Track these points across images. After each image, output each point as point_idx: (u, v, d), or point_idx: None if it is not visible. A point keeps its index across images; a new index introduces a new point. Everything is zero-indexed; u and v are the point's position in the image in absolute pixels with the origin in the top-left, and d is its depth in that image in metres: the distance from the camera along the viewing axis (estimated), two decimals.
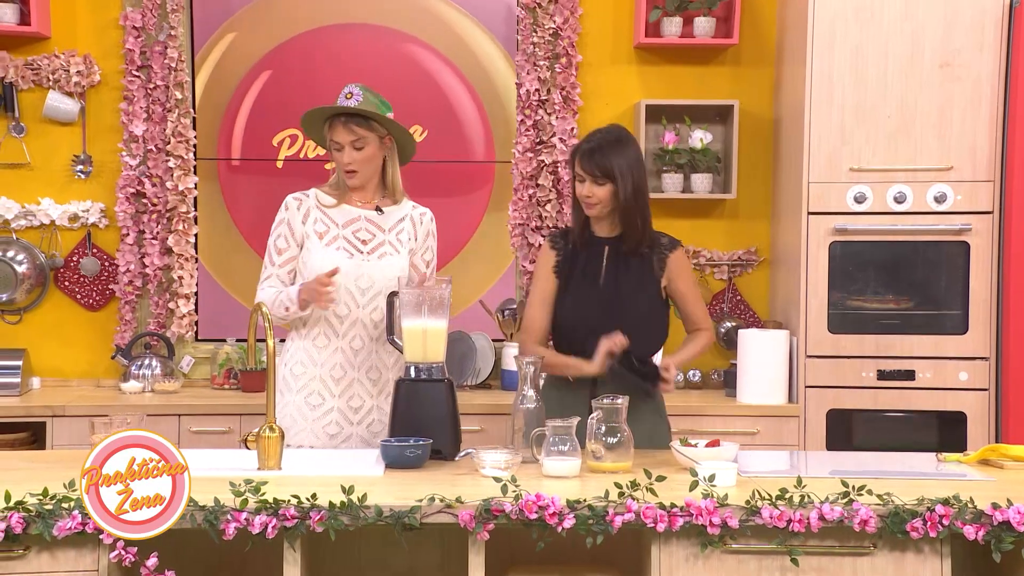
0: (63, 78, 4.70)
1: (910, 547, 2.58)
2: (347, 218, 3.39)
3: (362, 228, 3.40)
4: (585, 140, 3.36)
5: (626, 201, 3.28)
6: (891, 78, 4.30)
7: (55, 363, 4.78)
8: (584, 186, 3.30)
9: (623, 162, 3.27)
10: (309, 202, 3.40)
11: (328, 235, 3.36)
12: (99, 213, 4.77)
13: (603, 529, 2.52)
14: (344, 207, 3.41)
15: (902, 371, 4.34)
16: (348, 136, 3.31)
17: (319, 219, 3.38)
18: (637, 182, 3.29)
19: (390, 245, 3.40)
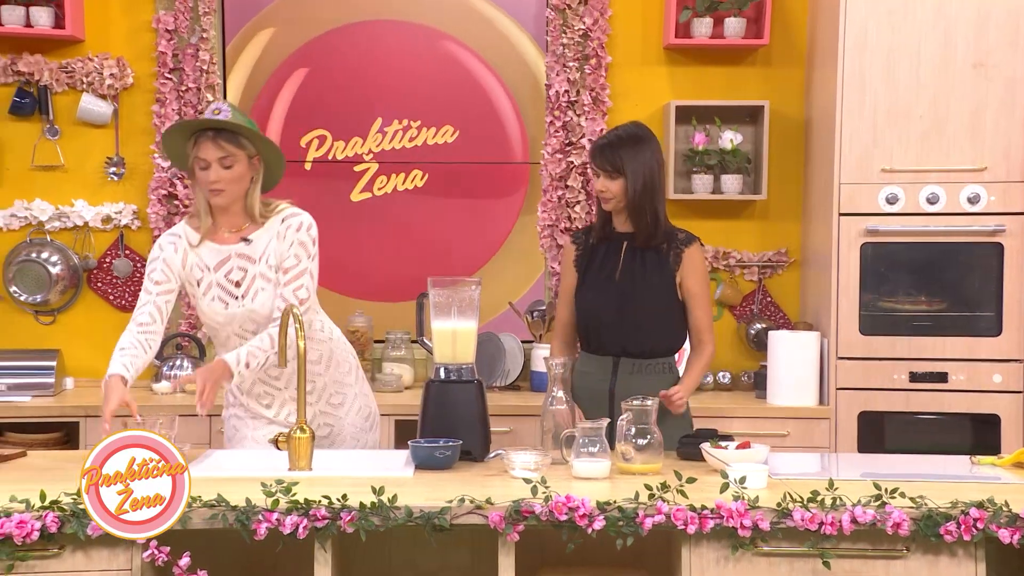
0: (96, 81, 4.74)
1: (944, 550, 2.56)
2: (217, 259, 3.23)
3: (233, 267, 3.23)
4: (602, 136, 3.48)
5: (634, 196, 3.35)
6: (923, 78, 4.27)
7: (88, 363, 4.82)
8: (599, 181, 3.40)
9: (634, 158, 3.34)
10: (183, 243, 3.24)
11: (203, 282, 3.24)
12: (131, 215, 4.80)
13: (633, 531, 2.51)
14: (211, 245, 3.23)
15: (935, 373, 4.30)
16: (216, 152, 3.11)
17: (194, 264, 3.23)
18: (648, 178, 3.35)
19: (261, 278, 3.22)
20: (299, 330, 2.98)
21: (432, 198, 4.90)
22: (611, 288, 3.40)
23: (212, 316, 3.27)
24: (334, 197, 4.94)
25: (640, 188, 3.35)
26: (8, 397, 4.42)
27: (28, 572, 2.49)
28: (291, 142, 4.93)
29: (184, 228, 3.28)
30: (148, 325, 3.22)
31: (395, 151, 4.94)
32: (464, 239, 4.91)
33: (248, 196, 3.22)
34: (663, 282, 3.40)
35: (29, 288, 4.72)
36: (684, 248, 3.40)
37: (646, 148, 3.39)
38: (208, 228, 3.25)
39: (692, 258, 3.41)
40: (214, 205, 3.21)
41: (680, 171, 4.78)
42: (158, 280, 3.23)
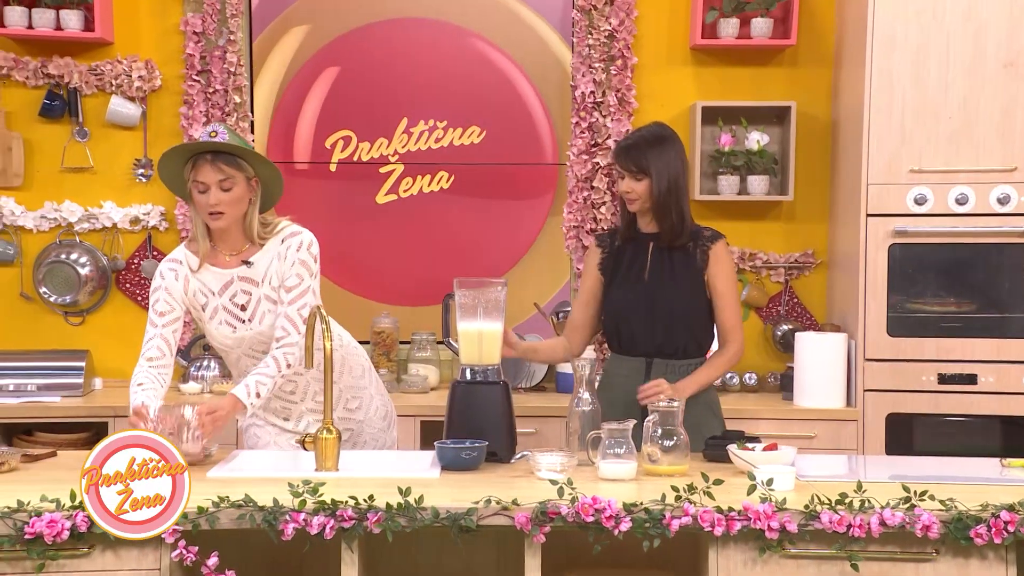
0: (125, 83, 4.78)
1: (974, 553, 2.54)
2: (220, 283, 3.20)
3: (237, 291, 3.20)
4: (626, 137, 3.48)
5: (659, 196, 3.35)
6: (953, 78, 4.24)
7: (117, 364, 4.85)
8: (624, 182, 3.40)
9: (659, 158, 3.35)
10: (183, 270, 3.21)
11: (209, 307, 3.22)
12: (159, 216, 4.84)
13: (660, 532, 2.51)
14: (212, 269, 3.20)
15: (964, 375, 4.27)
16: (216, 175, 3.07)
17: (198, 290, 3.21)
18: (673, 178, 3.35)
19: (266, 300, 3.20)
20: (325, 331, 2.99)
21: (458, 200, 4.89)
22: (640, 289, 3.40)
23: (221, 339, 3.27)
24: (359, 199, 4.95)
25: (665, 188, 3.35)
26: (38, 397, 4.46)
27: (58, 571, 2.51)
28: (317, 143, 4.95)
29: (184, 253, 3.24)
30: (158, 359, 3.22)
31: (421, 152, 4.94)
32: (491, 242, 4.91)
33: (247, 218, 3.19)
34: (692, 281, 3.39)
35: (59, 289, 4.76)
36: (711, 245, 3.39)
37: (670, 148, 3.39)
38: (207, 252, 3.21)
39: (719, 256, 3.39)
40: (214, 228, 3.17)
41: (706, 172, 4.77)
42: (162, 311, 3.20)
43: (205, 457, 3.06)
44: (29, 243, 4.83)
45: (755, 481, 2.63)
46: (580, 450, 3.05)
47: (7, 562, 2.49)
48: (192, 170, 3.10)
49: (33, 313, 4.84)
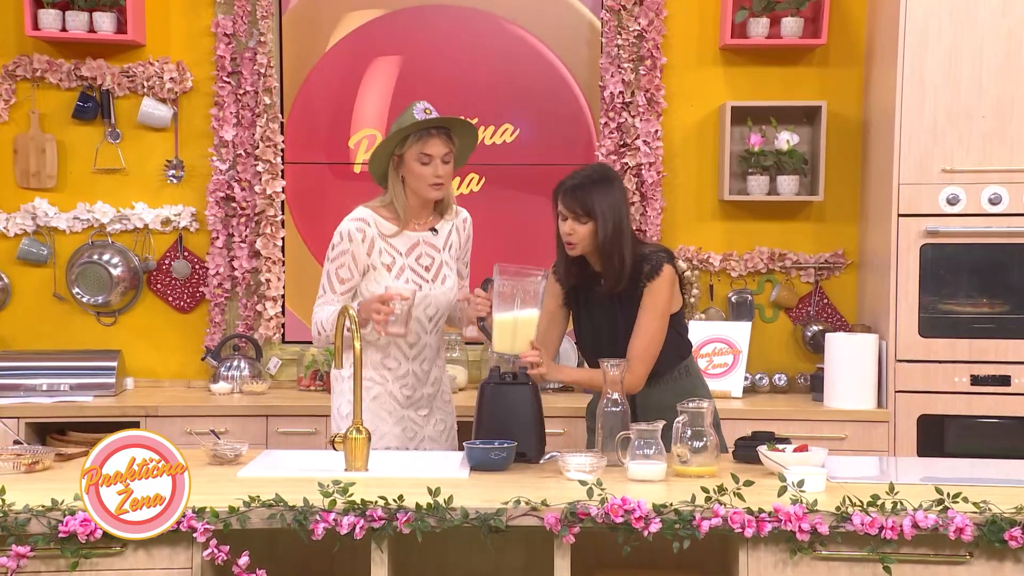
0: (157, 85, 4.81)
1: (1008, 556, 2.52)
2: (408, 244, 3.36)
3: (423, 253, 3.38)
4: (569, 177, 3.30)
5: (604, 240, 3.23)
6: (986, 77, 4.20)
7: (148, 364, 4.89)
8: (566, 224, 3.27)
9: (605, 201, 3.22)
10: (371, 231, 3.32)
11: (395, 266, 3.33)
12: (190, 217, 4.87)
13: (690, 534, 2.50)
14: (405, 232, 3.37)
15: (997, 376, 4.23)
16: (442, 149, 3.28)
17: (383, 249, 3.33)
18: (617, 221, 3.22)
19: (446, 266, 3.41)
20: (355, 331, 3.00)
21: (490, 204, 4.78)
22: (602, 332, 3.35)
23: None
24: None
25: (611, 232, 3.21)
26: (70, 397, 4.50)
27: (91, 570, 2.53)
28: (338, 143, 4.91)
29: (371, 215, 3.34)
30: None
31: None
32: (524, 247, 4.74)
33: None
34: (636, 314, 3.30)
35: (91, 289, 4.80)
36: (647, 283, 3.27)
37: (615, 191, 3.26)
38: (407, 219, 3.35)
39: (651, 291, 3.26)
40: (430, 198, 3.34)
41: (735, 172, 4.75)
42: (344, 279, 3.33)
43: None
44: (62, 244, 4.87)
45: (786, 482, 2.62)
46: (609, 451, 3.04)
47: (42, 560, 2.51)
48: (417, 142, 3.26)
49: (66, 313, 4.89)
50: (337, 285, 3.34)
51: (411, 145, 3.28)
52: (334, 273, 3.34)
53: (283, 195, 4.84)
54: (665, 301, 3.28)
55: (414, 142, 3.27)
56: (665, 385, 3.35)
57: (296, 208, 4.91)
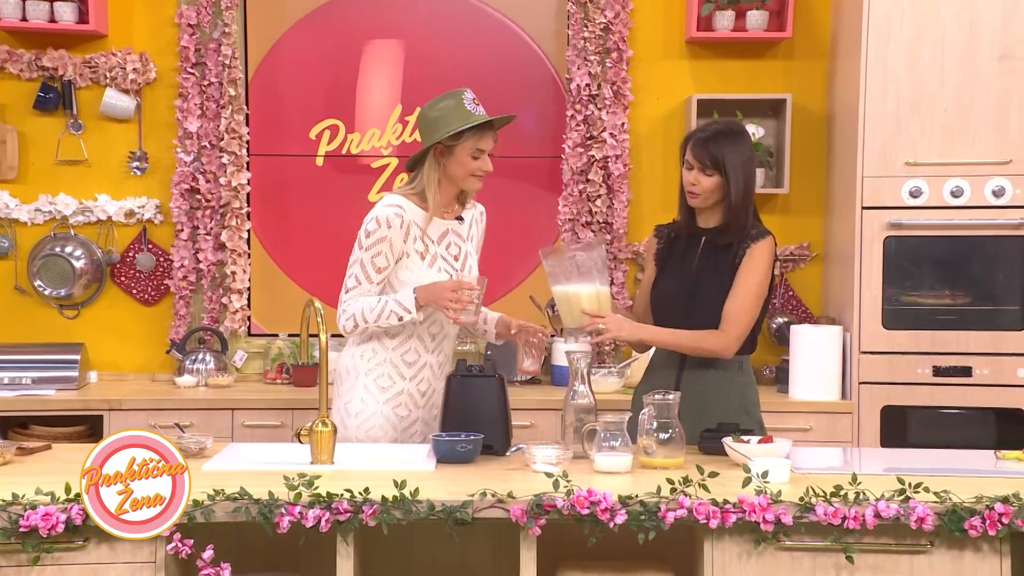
0: (120, 76, 4.76)
1: (968, 545, 2.55)
2: (438, 233, 3.32)
3: (451, 242, 3.35)
4: (700, 129, 3.31)
5: (736, 197, 3.22)
6: (948, 70, 4.24)
7: (112, 357, 4.85)
8: (691, 174, 3.26)
9: (736, 157, 3.21)
10: (408, 217, 3.25)
11: (428, 255, 3.29)
12: (154, 209, 4.83)
13: (655, 525, 2.51)
14: (435, 219, 3.31)
15: (959, 367, 4.27)
16: (492, 143, 3.27)
17: (418, 237, 3.28)
18: (747, 179, 3.23)
19: (470, 256, 3.40)
20: (321, 323, 2.99)
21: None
22: (684, 283, 3.31)
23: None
24: (349, 197, 4.82)
25: (741, 189, 3.21)
26: (33, 390, 4.45)
27: (53, 564, 2.51)
28: (300, 134, 4.84)
29: (404, 201, 3.28)
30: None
31: (417, 144, 4.82)
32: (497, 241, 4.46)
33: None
34: (731, 278, 3.26)
35: (53, 282, 4.75)
36: (751, 244, 3.25)
37: (746, 147, 3.25)
38: (437, 208, 3.30)
39: (752, 254, 3.24)
40: (472, 189, 3.34)
41: None
42: (380, 267, 3.25)
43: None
44: (23, 236, 4.82)
45: (750, 474, 2.64)
46: (575, 443, 3.05)
47: (2, 555, 2.49)
48: (473, 137, 3.22)
49: (28, 306, 4.84)
50: (374, 275, 3.24)
51: (467, 139, 3.22)
52: (370, 262, 3.23)
53: (248, 187, 4.81)
54: (766, 267, 3.25)
55: (470, 136, 3.22)
56: (717, 372, 3.29)
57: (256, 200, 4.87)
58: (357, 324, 3.24)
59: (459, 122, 3.19)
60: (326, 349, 3.00)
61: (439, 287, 3.17)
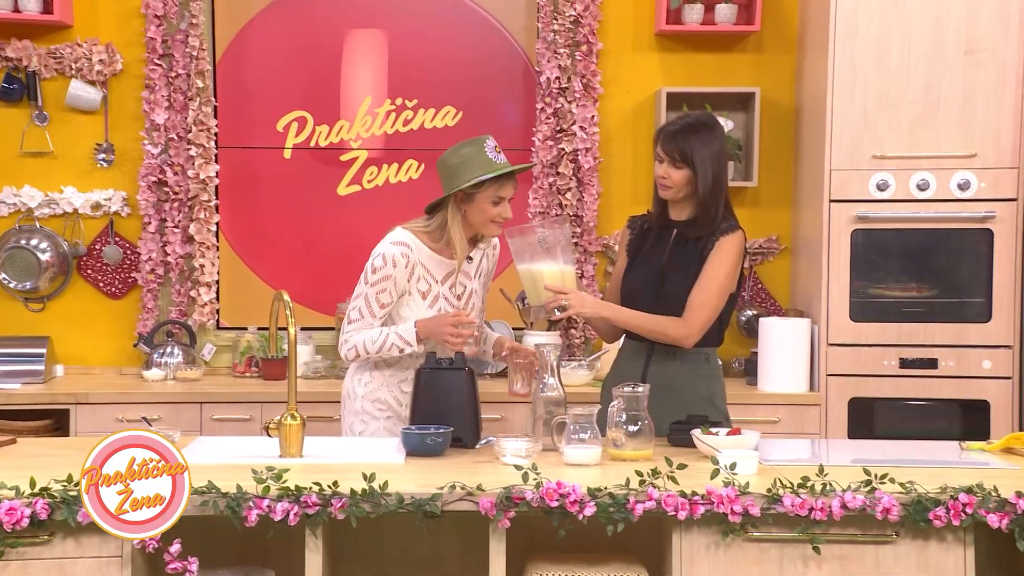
0: (85, 67, 4.72)
1: (933, 536, 2.57)
2: (444, 272, 3.33)
3: (457, 282, 3.35)
4: (671, 122, 3.35)
5: (704, 190, 3.25)
6: (914, 65, 4.27)
7: (78, 351, 4.81)
8: (662, 167, 3.30)
9: (704, 150, 3.24)
10: (415, 257, 3.28)
11: (430, 294, 3.31)
12: (121, 201, 4.79)
13: (624, 517, 2.52)
14: (438, 258, 3.32)
15: (925, 359, 4.31)
16: (512, 191, 3.27)
17: (422, 276, 3.30)
18: (716, 172, 3.26)
19: (476, 294, 3.41)
20: (290, 316, 2.98)
21: (428, 190, 4.46)
22: (653, 274, 3.34)
23: None
24: (318, 191, 4.79)
25: (710, 182, 3.24)
26: None
27: (18, 559, 2.48)
28: (267, 126, 4.80)
29: (412, 239, 3.29)
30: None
31: (387, 136, 4.83)
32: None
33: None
34: (699, 271, 3.28)
35: (18, 275, 4.70)
36: (720, 237, 3.27)
37: (716, 140, 3.28)
38: (464, 254, 3.32)
39: (720, 245, 3.27)
40: (491, 235, 3.36)
41: None
42: (384, 304, 3.28)
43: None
44: None
45: (719, 465, 2.65)
46: (545, 436, 3.05)
47: None
48: (494, 184, 3.23)
49: None
50: (377, 310, 3.28)
51: (488, 188, 3.23)
52: (374, 298, 3.27)
53: (217, 180, 4.77)
54: (733, 261, 3.28)
55: (491, 185, 3.23)
56: (684, 364, 3.33)
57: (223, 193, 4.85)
58: (359, 354, 3.30)
59: (481, 170, 3.20)
60: (295, 342, 2.99)
61: (439, 320, 3.22)
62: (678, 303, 3.27)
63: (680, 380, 3.30)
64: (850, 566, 2.58)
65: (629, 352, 3.43)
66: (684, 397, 3.28)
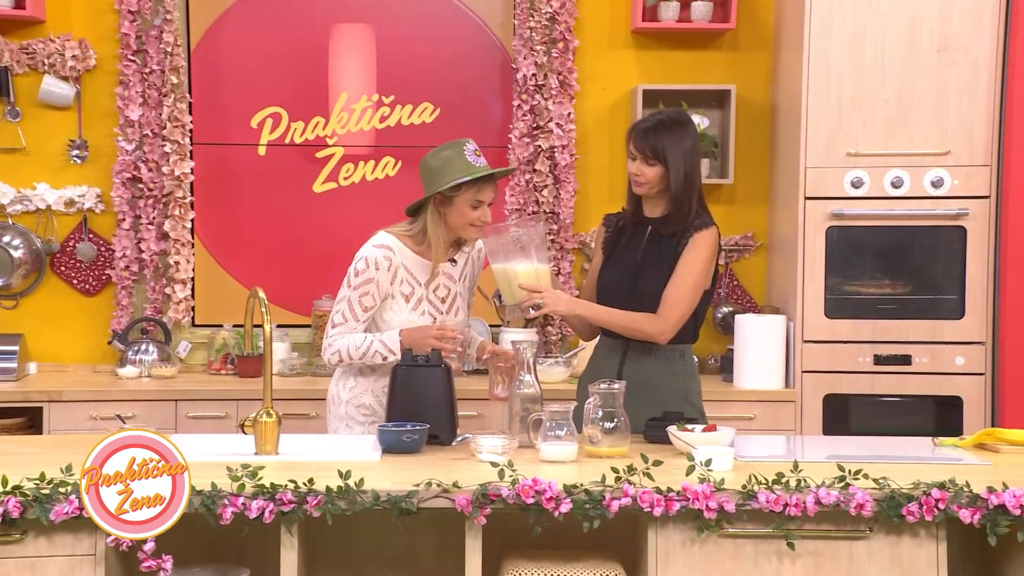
0: (58, 62, 4.68)
1: (906, 531, 2.59)
2: (427, 275, 3.32)
3: (440, 284, 3.34)
4: (643, 119, 3.37)
5: (676, 187, 3.26)
6: (888, 63, 4.29)
7: (52, 348, 4.78)
8: (634, 164, 3.31)
9: (676, 147, 3.25)
10: (396, 260, 3.28)
11: (413, 297, 3.30)
12: (95, 198, 4.75)
13: (600, 514, 2.52)
14: (420, 260, 3.32)
15: (899, 356, 4.34)
16: (492, 194, 3.27)
17: (405, 279, 3.29)
18: (689, 169, 3.27)
19: (460, 297, 3.40)
20: (265, 313, 2.97)
21: (406, 188, 4.44)
22: (628, 272, 3.35)
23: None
24: (294, 188, 4.77)
25: (682, 179, 3.25)
26: None
27: None
28: (241, 122, 4.77)
29: (395, 242, 3.29)
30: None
31: (364, 133, 4.80)
32: None
33: None
34: (673, 268, 3.29)
35: None
36: (693, 233, 3.28)
37: (688, 137, 3.29)
38: (441, 256, 3.30)
39: (695, 241, 3.28)
40: (469, 239, 3.34)
41: None
42: (367, 307, 3.27)
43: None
44: None
45: (694, 462, 2.66)
46: (521, 433, 3.05)
47: None
48: (472, 188, 3.22)
49: None
50: (360, 314, 3.27)
51: (466, 191, 3.22)
52: (357, 301, 3.26)
53: (192, 176, 4.75)
54: (707, 257, 3.29)
55: (470, 188, 3.22)
56: (658, 361, 3.34)
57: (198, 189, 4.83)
58: (342, 359, 3.29)
59: (460, 173, 3.19)
60: (270, 339, 2.98)
61: (424, 331, 3.22)
62: (653, 300, 3.28)
63: (656, 377, 3.32)
64: (824, 562, 2.59)
65: (605, 349, 3.44)
66: (660, 394, 3.29)
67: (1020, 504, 2.52)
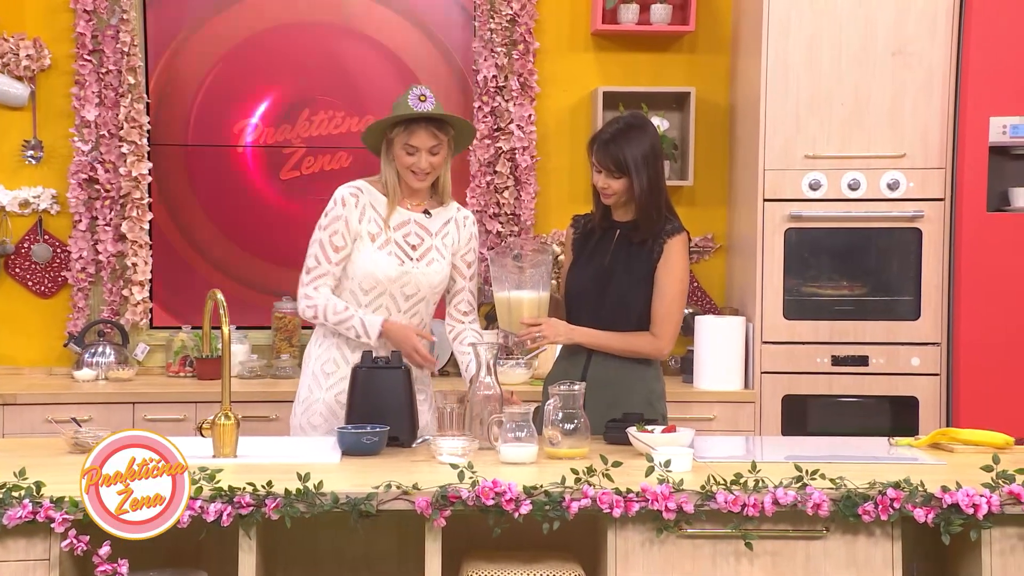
0: (12, 62, 4.62)
1: (862, 530, 2.61)
2: (398, 220, 3.30)
3: (412, 232, 3.31)
4: (601, 130, 3.36)
5: (641, 194, 3.27)
6: (845, 66, 4.33)
7: (6, 351, 4.72)
8: (600, 178, 3.31)
9: (638, 154, 3.25)
10: (364, 199, 3.27)
11: (380, 238, 3.27)
12: (51, 199, 4.70)
13: (559, 515, 2.53)
14: (397, 208, 3.30)
15: (856, 357, 4.38)
16: (429, 141, 3.20)
17: (373, 219, 3.27)
18: (652, 174, 3.27)
19: (436, 251, 3.34)
20: (224, 315, 2.95)
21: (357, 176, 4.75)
22: (597, 275, 3.35)
23: (383, 269, 3.26)
24: (263, 174, 4.88)
25: (646, 186, 3.25)
26: None
27: None
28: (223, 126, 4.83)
29: (365, 185, 3.29)
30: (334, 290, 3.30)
31: (323, 136, 4.90)
32: None
33: (441, 177, 3.33)
34: (645, 273, 3.31)
35: None
36: (667, 240, 3.30)
37: (647, 140, 3.28)
38: (397, 200, 3.29)
39: (671, 250, 3.30)
40: (415, 187, 3.28)
41: None
42: (338, 246, 3.25)
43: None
44: None
45: (653, 463, 2.67)
46: (482, 434, 3.05)
47: None
48: (405, 133, 3.19)
49: None
50: (332, 254, 3.25)
51: (399, 133, 3.20)
52: (328, 241, 3.25)
53: (150, 177, 4.71)
54: (685, 263, 3.32)
55: (401, 131, 3.20)
56: (624, 364, 3.34)
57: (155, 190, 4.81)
58: (317, 316, 3.27)
59: (392, 114, 3.19)
60: (229, 341, 2.96)
61: (407, 333, 3.24)
62: (622, 304, 3.31)
63: (620, 380, 3.32)
64: (782, 562, 2.61)
65: (568, 351, 3.44)
66: (623, 397, 3.30)
67: (973, 503, 2.55)
